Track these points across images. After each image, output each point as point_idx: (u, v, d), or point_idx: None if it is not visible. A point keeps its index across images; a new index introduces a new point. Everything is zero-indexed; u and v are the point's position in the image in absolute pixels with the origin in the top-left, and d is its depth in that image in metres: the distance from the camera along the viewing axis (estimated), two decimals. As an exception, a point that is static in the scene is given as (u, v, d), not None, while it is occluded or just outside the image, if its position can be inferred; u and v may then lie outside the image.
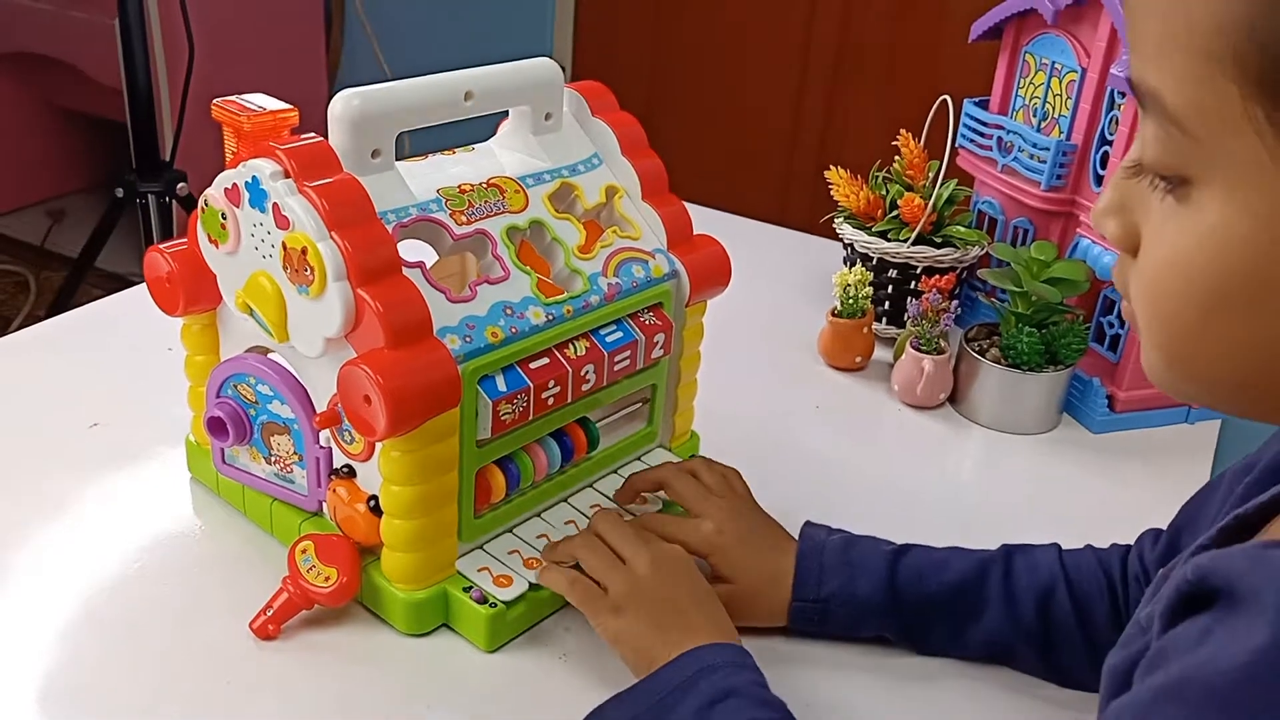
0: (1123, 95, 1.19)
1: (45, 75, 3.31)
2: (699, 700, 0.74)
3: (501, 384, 0.84)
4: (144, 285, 0.92)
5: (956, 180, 1.35)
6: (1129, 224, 0.54)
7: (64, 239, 3.41)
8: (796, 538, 0.92)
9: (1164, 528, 0.81)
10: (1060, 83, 1.28)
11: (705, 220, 1.04)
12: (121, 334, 1.30)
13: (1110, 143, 1.22)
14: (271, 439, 0.91)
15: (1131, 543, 0.86)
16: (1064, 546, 0.89)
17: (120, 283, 3.02)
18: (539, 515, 0.95)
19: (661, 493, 0.98)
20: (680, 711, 0.74)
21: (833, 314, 1.31)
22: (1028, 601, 0.85)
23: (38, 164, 3.58)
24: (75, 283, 2.55)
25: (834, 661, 0.89)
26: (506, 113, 0.97)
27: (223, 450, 0.96)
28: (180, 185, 2.36)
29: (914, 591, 0.87)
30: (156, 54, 2.88)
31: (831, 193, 1.38)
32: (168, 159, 2.41)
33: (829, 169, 1.38)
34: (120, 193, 2.36)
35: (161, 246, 0.89)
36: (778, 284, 1.52)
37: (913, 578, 0.87)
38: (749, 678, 0.76)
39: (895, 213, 1.34)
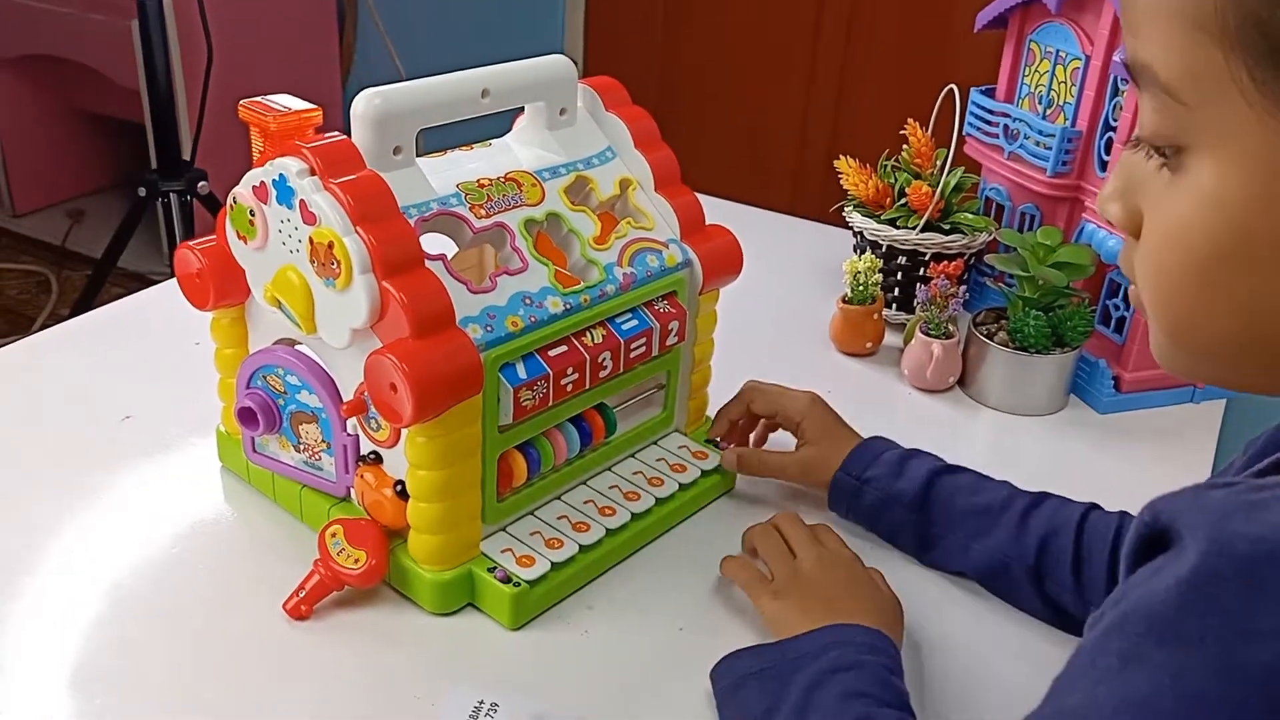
0: (1125, 82, 1.22)
1: (64, 77, 3.34)
2: (824, 665, 0.77)
3: (522, 371, 0.87)
4: (167, 283, 0.95)
5: (964, 168, 1.37)
6: (1131, 207, 0.57)
7: (84, 239, 3.45)
8: None
9: None
10: (1065, 70, 1.30)
11: (717, 211, 1.06)
12: (148, 330, 1.33)
13: (1114, 128, 1.24)
14: (300, 427, 0.94)
15: None
16: None
17: (140, 281, 3.06)
18: (559, 498, 0.98)
19: (678, 476, 1.02)
20: (805, 673, 0.77)
21: (843, 301, 1.34)
22: (1035, 534, 0.92)
23: (58, 165, 3.62)
24: (99, 281, 2.58)
25: None
26: (522, 109, 1.00)
27: (253, 439, 0.99)
28: (201, 184, 2.39)
29: (943, 503, 0.96)
30: (174, 55, 2.91)
31: (841, 182, 1.40)
32: (188, 158, 2.44)
33: (838, 158, 1.41)
34: (143, 192, 2.39)
35: (191, 244, 0.92)
36: (789, 272, 1.54)
37: (949, 493, 0.97)
38: (880, 660, 0.79)
39: (904, 200, 1.37)
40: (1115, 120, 1.24)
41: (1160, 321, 0.57)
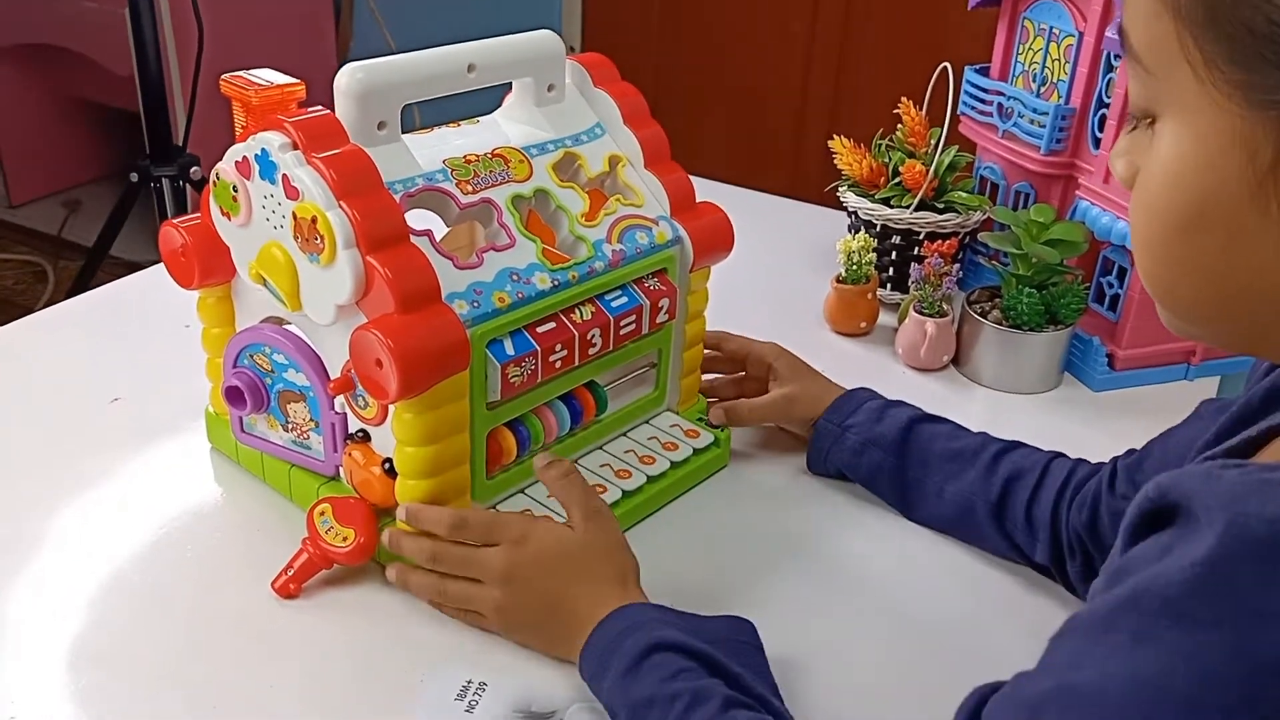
0: (1118, 58, 1.21)
1: (60, 66, 3.33)
2: (626, 660, 0.75)
3: (510, 348, 0.86)
4: (157, 266, 0.95)
5: (958, 147, 1.36)
6: (1133, 165, 0.59)
7: (81, 229, 3.43)
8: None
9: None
10: (1058, 47, 1.29)
11: (711, 193, 1.05)
12: (139, 312, 1.33)
13: (1107, 105, 1.23)
14: (288, 406, 0.94)
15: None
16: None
17: (135, 269, 3.05)
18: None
19: (670, 454, 1.01)
20: (612, 674, 0.75)
21: (837, 281, 1.33)
22: (1001, 475, 0.95)
23: (54, 155, 3.60)
24: (92, 268, 2.58)
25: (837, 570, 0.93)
26: (511, 86, 0.99)
27: (241, 419, 0.98)
28: (194, 169, 2.38)
29: (921, 447, 1.00)
30: (167, 39, 2.90)
31: (835, 161, 1.40)
32: (181, 143, 2.43)
33: (833, 138, 1.40)
34: (135, 177, 2.38)
35: (175, 221, 0.91)
36: (784, 253, 1.54)
37: (929, 438, 1.00)
38: (671, 633, 0.76)
39: (898, 180, 1.36)
40: (1109, 97, 1.23)
41: (1146, 284, 0.59)
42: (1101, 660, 0.49)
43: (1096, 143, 1.25)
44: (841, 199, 1.41)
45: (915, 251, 1.35)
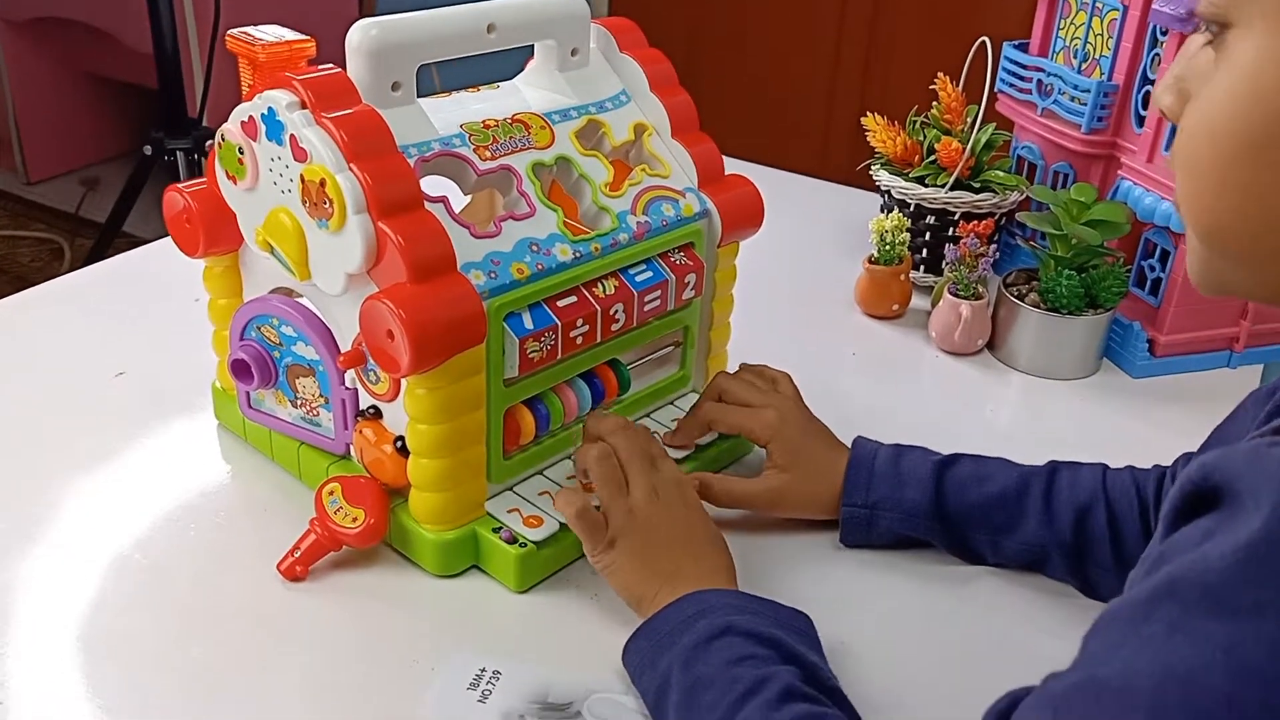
0: (1164, 33, 1.16)
1: (79, 41, 3.30)
2: (696, 637, 0.73)
3: (528, 321, 0.82)
4: (168, 238, 0.91)
5: (995, 125, 1.32)
6: (1185, 95, 0.54)
7: (99, 206, 3.40)
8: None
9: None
10: (1101, 22, 1.25)
11: (737, 171, 1.01)
12: (148, 285, 1.29)
13: (1152, 82, 1.18)
14: (297, 381, 0.90)
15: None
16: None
17: (152, 247, 3.03)
18: (570, 457, 0.93)
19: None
20: (677, 648, 0.73)
21: (869, 261, 1.29)
22: (1065, 517, 0.87)
23: (72, 132, 3.58)
24: (106, 243, 2.55)
25: (877, 561, 0.91)
26: (533, 50, 0.95)
27: (248, 394, 0.95)
28: (209, 142, 2.35)
29: (958, 501, 0.89)
30: (186, 12, 2.86)
31: (868, 139, 1.35)
32: (197, 116, 2.40)
33: (866, 115, 1.36)
34: (149, 150, 2.35)
35: (180, 185, 0.88)
36: (815, 233, 1.49)
37: (957, 488, 0.89)
38: (747, 619, 0.74)
39: (933, 158, 1.31)
40: (1153, 74, 1.19)
41: (1189, 220, 0.54)
42: (1133, 652, 0.45)
43: (1140, 121, 1.21)
44: (874, 178, 1.37)
45: (950, 232, 1.30)
